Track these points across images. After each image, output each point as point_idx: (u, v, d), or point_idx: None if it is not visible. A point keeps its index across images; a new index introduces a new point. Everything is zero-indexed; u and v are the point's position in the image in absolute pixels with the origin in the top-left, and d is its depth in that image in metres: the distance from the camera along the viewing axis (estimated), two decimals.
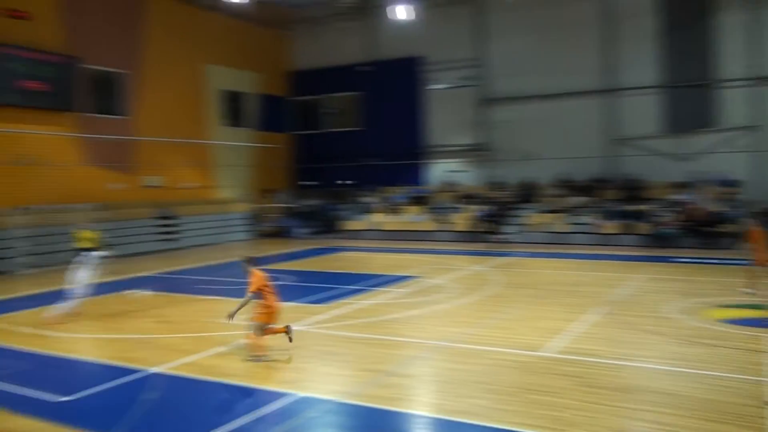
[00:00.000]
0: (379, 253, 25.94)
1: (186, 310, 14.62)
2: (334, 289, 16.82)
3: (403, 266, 21.42)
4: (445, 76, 33.50)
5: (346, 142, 36.99)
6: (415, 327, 12.24)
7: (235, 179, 34.98)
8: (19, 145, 24.71)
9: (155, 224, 28.88)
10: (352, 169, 36.44)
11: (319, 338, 11.55)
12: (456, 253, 24.96)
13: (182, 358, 10.30)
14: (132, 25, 29.65)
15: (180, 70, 31.95)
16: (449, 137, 34.09)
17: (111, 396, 8.76)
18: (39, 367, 10.42)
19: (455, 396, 8.30)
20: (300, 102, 39.37)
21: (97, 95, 28.24)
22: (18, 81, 24.36)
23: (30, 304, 16.42)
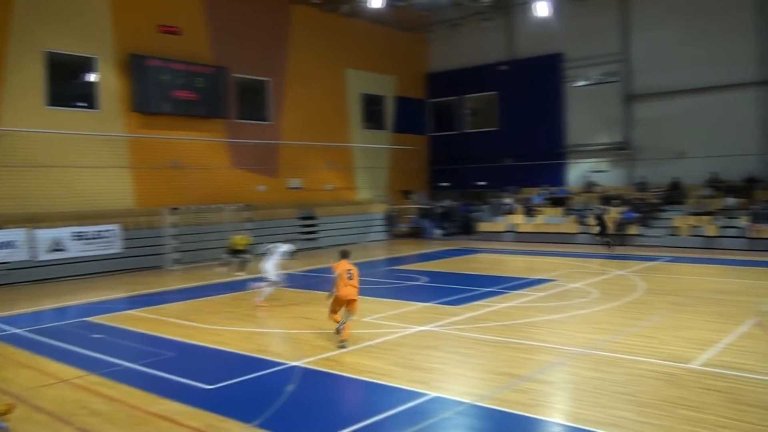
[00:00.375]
0: (515, 256, 25.47)
1: (326, 307, 14.96)
2: (468, 291, 16.67)
3: (540, 269, 20.92)
4: (585, 72, 32.40)
5: (482, 142, 36.66)
6: (553, 332, 11.87)
7: (373, 181, 35.59)
8: (173, 151, 26.50)
9: (297, 224, 29.94)
10: (488, 170, 36.07)
11: (453, 339, 11.46)
12: (596, 256, 24.04)
13: (320, 354, 10.56)
14: (275, 35, 30.94)
15: (321, 76, 32.95)
16: (589, 136, 32.92)
17: (251, 387, 9.13)
18: (185, 356, 11.05)
19: (595, 406, 7.96)
20: (436, 104, 39.48)
21: (243, 102, 29.72)
22: (172, 91, 26.13)
23: (177, 298, 17.52)
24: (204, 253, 25.20)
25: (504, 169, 35.53)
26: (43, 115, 23.06)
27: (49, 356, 11.08)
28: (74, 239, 22.27)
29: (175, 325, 13.56)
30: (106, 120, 24.75)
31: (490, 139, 36.48)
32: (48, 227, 22.11)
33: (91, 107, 24.74)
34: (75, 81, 25.34)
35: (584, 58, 32.52)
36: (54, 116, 23.32)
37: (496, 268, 21.83)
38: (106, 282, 21.10)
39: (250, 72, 29.96)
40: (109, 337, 12.68)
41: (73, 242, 22.23)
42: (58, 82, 23.93)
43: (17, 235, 21.11)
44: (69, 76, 24.92)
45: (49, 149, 22.80)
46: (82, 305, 16.73)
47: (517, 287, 17.04)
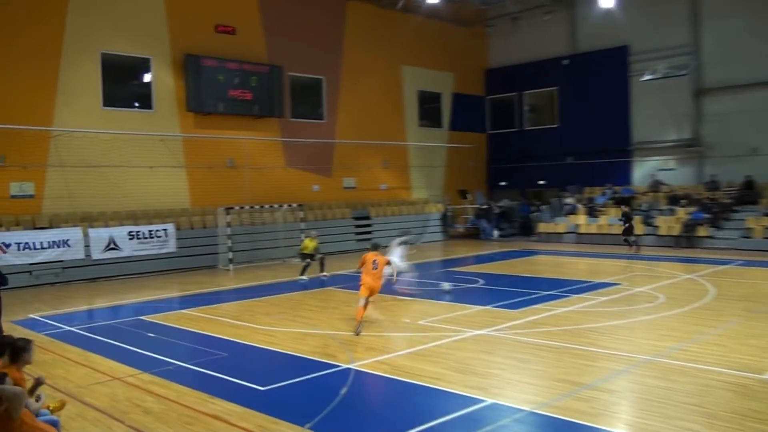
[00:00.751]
0: (576, 258, 25.05)
1: (380, 309, 14.98)
2: (527, 294, 16.44)
3: (603, 272, 20.53)
4: (652, 65, 31.54)
5: (541, 140, 36.21)
6: (617, 338, 11.58)
7: (429, 180, 35.50)
8: (227, 150, 26.94)
9: (351, 224, 30.06)
10: (548, 169, 35.61)
11: (511, 344, 11.29)
12: (663, 259, 23.43)
13: (373, 357, 10.54)
14: (329, 32, 31.14)
15: (376, 73, 33.01)
16: (656, 132, 32.13)
17: (304, 389, 9.15)
18: (237, 356, 11.17)
19: (660, 416, 7.69)
20: (495, 100, 39.17)
21: (297, 101, 30.02)
22: (227, 91, 26.55)
23: (230, 297, 17.79)
24: (258, 253, 25.52)
25: (565, 167, 34.99)
26: (98, 115, 23.73)
27: (102, 354, 11.35)
28: (128, 238, 22.83)
29: (228, 325, 13.74)
30: (161, 120, 25.32)
31: (550, 136, 35.98)
32: (102, 226, 22.73)
33: (146, 107, 25.35)
34: (130, 81, 26.01)
35: (651, 50, 31.72)
36: (109, 116, 23.97)
37: (556, 270, 21.48)
38: (159, 281, 21.56)
39: (305, 70, 30.22)
40: (162, 335, 12.92)
41: (127, 241, 22.79)
42: (114, 82, 24.60)
43: (72, 234, 21.75)
44: (124, 76, 25.61)
45: (105, 149, 23.44)
46: (136, 304, 17.13)
47: (578, 291, 16.73)
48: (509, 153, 37.71)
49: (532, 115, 38.25)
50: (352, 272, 12.55)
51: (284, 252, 26.07)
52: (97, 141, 23.20)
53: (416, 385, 9.09)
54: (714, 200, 28.12)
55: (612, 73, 33.26)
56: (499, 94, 38.84)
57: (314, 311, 15.14)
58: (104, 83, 24.02)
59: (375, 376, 9.60)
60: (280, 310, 15.24)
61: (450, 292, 17.07)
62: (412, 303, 15.76)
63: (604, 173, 33.47)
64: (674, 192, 30.15)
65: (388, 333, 12.44)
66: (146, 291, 19.31)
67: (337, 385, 9.16)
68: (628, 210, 26.59)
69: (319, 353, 10.94)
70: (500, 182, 38.49)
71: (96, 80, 23.81)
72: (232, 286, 20.12)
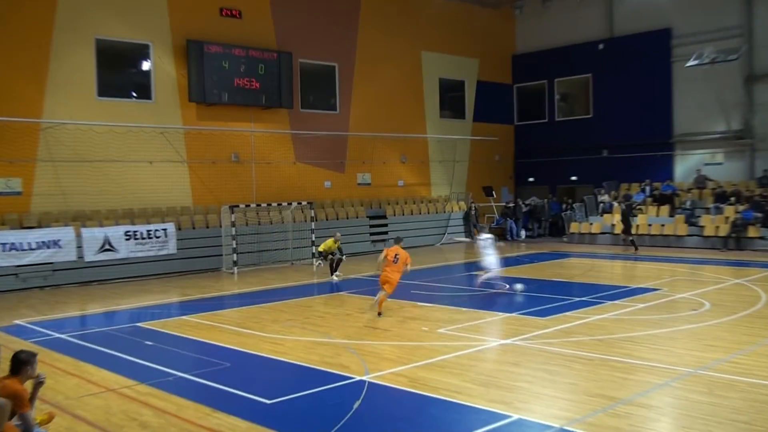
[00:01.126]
0: (612, 261, 24.91)
1: (396, 316, 14.98)
2: (557, 300, 16.38)
3: (641, 276, 20.39)
4: (697, 50, 31.23)
5: (574, 131, 36.07)
6: (656, 349, 11.49)
7: (451, 176, 35.44)
8: (232, 144, 27.05)
9: (366, 224, 30.06)
10: (581, 163, 35.48)
11: (539, 355, 11.24)
12: (708, 262, 23.25)
13: (389, 368, 10.52)
14: (342, 16, 31.17)
15: (394, 60, 33.01)
16: (701, 123, 31.88)
17: (314, 402, 9.14)
18: (242, 366, 11.19)
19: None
20: (523, 89, 39.07)
21: (308, 90, 30.08)
22: (232, 79, 26.62)
23: (235, 303, 17.84)
24: (265, 255, 25.59)
25: (600, 162, 34.81)
26: (93, 106, 23.90)
27: (95, 363, 11.41)
28: (125, 239, 22.96)
29: (232, 332, 13.79)
30: (161, 111, 25.46)
31: (583, 128, 35.81)
32: (97, 226, 22.88)
33: (145, 97, 25.50)
34: (127, 69, 26.17)
35: (697, 33, 31.44)
36: (104, 107, 24.14)
37: (589, 274, 21.38)
38: (158, 285, 21.67)
39: (317, 57, 30.27)
40: (161, 344, 12.98)
41: (123, 242, 22.92)
42: (109, 71, 24.77)
43: (64, 234, 21.89)
44: (121, 64, 25.78)
45: (99, 143, 23.61)
46: (132, 309, 17.22)
47: (614, 297, 16.64)
48: (538, 146, 37.57)
49: (563, 105, 38.07)
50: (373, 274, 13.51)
51: (293, 254, 26.13)
52: (91, 134, 23.36)
53: (436, 399, 9.07)
54: (766, 198, 27.84)
55: (652, 59, 33.02)
56: (528, 81, 38.70)
57: (326, 318, 15.15)
58: (99, 71, 24.17)
59: (391, 389, 9.58)
60: (289, 317, 15.26)
61: (520, 293, 17.44)
62: (432, 310, 15.73)
63: (643, 168, 33.25)
64: (721, 189, 29.87)
65: (405, 342, 12.42)
66: (144, 296, 19.41)
67: (349, 398, 9.15)
68: (626, 208, 26.98)
69: (331, 364, 10.94)
70: (528, 178, 38.36)
71: (90, 68, 23.97)
72: (236, 291, 20.18)
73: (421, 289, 18.77)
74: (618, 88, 34.32)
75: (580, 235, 31.32)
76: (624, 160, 33.93)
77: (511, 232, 33.84)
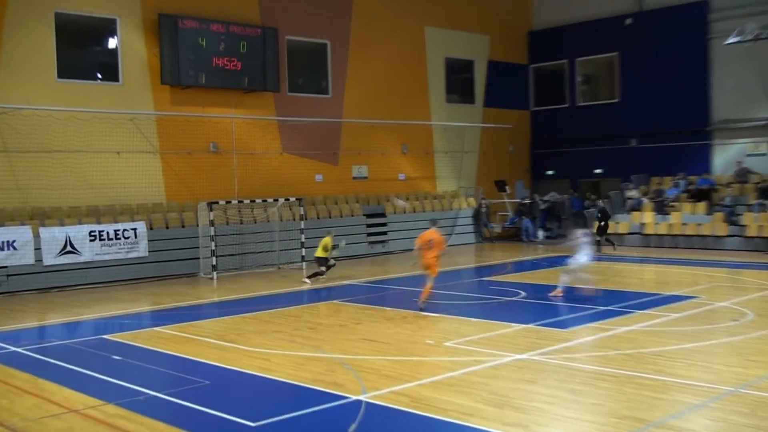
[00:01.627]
0: (642, 265, 24.96)
1: (397, 328, 14.99)
2: (580, 310, 16.41)
3: (675, 282, 20.41)
4: (738, 25, 31.21)
5: (598, 118, 36.06)
6: (692, 365, 11.51)
7: (459, 169, 35.45)
8: (211, 132, 27.01)
9: (362, 223, 30.06)
10: (606, 154, 35.47)
11: (560, 372, 11.26)
12: (751, 266, 23.25)
13: (389, 386, 10.53)
14: None
15: (393, 36, 33.00)
16: (743, 109, 31.91)
17: (304, 425, 9.14)
18: (223, 384, 11.19)
19: None
20: (540, 70, 39.08)
21: (297, 71, 30.06)
22: (211, 59, 26.56)
23: (214, 312, 17.88)
24: (248, 258, 25.59)
25: (627, 152, 34.80)
26: (52, 89, 23.86)
27: (57, 381, 11.40)
28: (89, 240, 22.94)
29: (212, 346, 13.79)
30: (129, 95, 25.44)
31: (608, 114, 35.79)
32: (57, 225, 22.86)
33: (111, 79, 25.48)
34: (91, 48, 26.14)
35: (737, 6, 31.47)
36: (65, 91, 24.11)
37: (616, 280, 21.38)
38: (127, 292, 21.66)
39: (306, 33, 30.26)
40: (130, 359, 12.98)
41: (87, 243, 22.90)
42: (71, 49, 24.75)
43: (19, 234, 21.85)
44: (84, 41, 25.76)
45: (60, 130, 23.57)
46: (98, 320, 17.21)
47: (644, 306, 16.67)
48: (558, 135, 37.57)
49: (586, 88, 38.06)
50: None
51: (280, 257, 26.14)
52: (50, 120, 23.34)
53: (442, 422, 9.08)
54: None
55: (687, 36, 33.04)
56: (546, 61, 38.70)
57: (317, 330, 15.15)
58: (59, 50, 24.13)
59: (391, 410, 9.58)
60: (276, 329, 15.26)
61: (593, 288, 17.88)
62: (437, 320, 15.74)
63: (677, 160, 33.26)
64: (766, 183, 29.90)
65: (407, 357, 12.43)
66: (111, 304, 19.38)
67: (344, 420, 9.16)
68: (604, 205, 27.73)
69: (324, 381, 10.95)
70: (546, 171, 38.33)
71: (49, 46, 23.93)
72: (216, 299, 20.18)
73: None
74: (648, 69, 34.32)
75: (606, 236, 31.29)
76: (655, 151, 33.92)
77: (526, 232, 33.85)
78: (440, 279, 18.81)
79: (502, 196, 35.63)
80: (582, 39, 36.78)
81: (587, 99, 37.70)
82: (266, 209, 26.88)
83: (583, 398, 9.92)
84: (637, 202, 32.07)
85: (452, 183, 35.41)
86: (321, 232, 23.96)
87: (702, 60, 32.81)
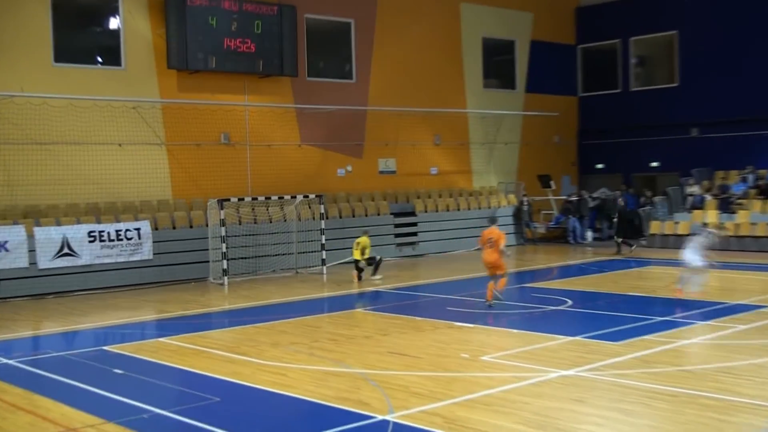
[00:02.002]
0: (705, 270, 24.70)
1: (428, 340, 14.97)
2: (634, 320, 16.29)
3: (742, 290, 20.26)
4: None
5: (655, 105, 35.84)
6: (763, 383, 11.40)
7: (498, 162, 35.35)
8: (222, 122, 27.08)
9: (389, 223, 30.03)
10: (663, 145, 35.22)
11: (611, 389, 11.19)
12: None
13: (420, 406, 10.51)
14: None
15: (425, 14, 32.98)
16: None
17: None
18: (235, 402, 11.20)
19: None
20: (590, 50, 38.88)
21: (317, 54, 30.08)
22: (222, 40, 26.58)
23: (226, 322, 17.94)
24: (262, 261, 25.66)
25: (688, 143, 34.54)
26: (48, 74, 24.08)
27: (53, 396, 11.46)
28: (88, 241, 23.10)
29: (223, 359, 13.83)
30: (133, 81, 25.61)
31: (667, 100, 35.52)
32: (53, 224, 23.03)
33: (113, 64, 25.67)
34: (91, 29, 26.30)
35: None
36: (63, 76, 24.31)
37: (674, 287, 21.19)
38: (130, 299, 21.79)
39: (327, 11, 30.33)
40: (133, 372, 13.04)
41: (86, 245, 23.06)
42: (69, 31, 24.92)
43: (12, 235, 22.04)
44: (83, 22, 25.93)
45: (57, 120, 23.77)
46: (98, 329, 17.33)
47: (707, 316, 16.54)
48: (609, 124, 37.34)
49: (641, 71, 37.81)
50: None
51: (298, 260, 26.19)
52: (45, 109, 23.52)
53: None
54: None
55: (758, 11, 32.73)
56: (596, 41, 38.50)
57: (339, 342, 15.16)
58: (56, 31, 24.32)
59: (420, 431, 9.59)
60: (293, 340, 15.29)
61: None
62: (473, 332, 15.70)
63: (744, 151, 33.00)
64: None
65: (439, 372, 12.40)
66: (112, 312, 19.52)
67: None
68: (623, 202, 28.02)
69: (347, 399, 10.95)
70: (596, 164, 38.12)
71: (45, 28, 24.11)
72: (227, 307, 20.26)
73: (460, 305, 18.75)
74: (712, 49, 34.05)
75: (663, 237, 31.11)
76: (719, 141, 33.65)
77: (573, 233, 33.69)
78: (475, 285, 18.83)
79: (547, 193, 35.49)
80: (637, 15, 36.56)
81: (642, 83, 37.42)
82: (283, 207, 26.95)
83: (638, 420, 9.85)
84: (698, 200, 31.81)
85: (490, 178, 35.31)
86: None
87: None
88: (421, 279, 24.65)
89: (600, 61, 38.68)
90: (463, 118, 34.25)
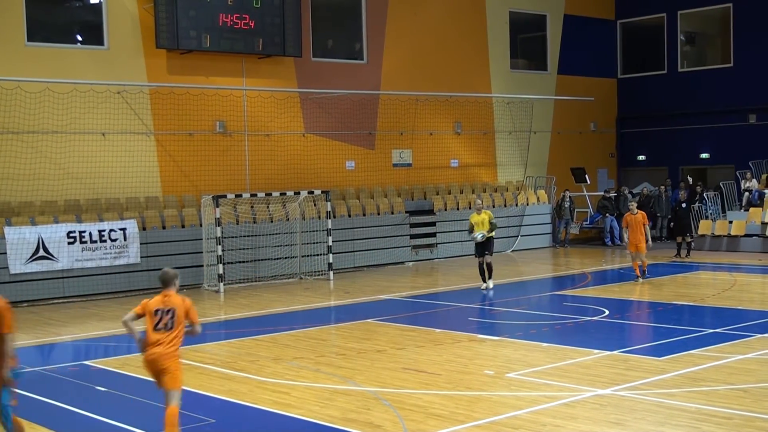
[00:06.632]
0: (761, 276, 24.69)
1: (448, 354, 15.01)
2: (679, 333, 16.30)
3: None
4: None
5: (706, 88, 35.76)
6: None
7: (527, 154, 35.30)
8: (217, 108, 27.11)
9: (405, 222, 30.02)
10: (715, 135, 35.13)
11: (654, 411, 11.21)
12: None
13: (438, 428, 10.57)
14: None
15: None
16: None
17: None
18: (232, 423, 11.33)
19: None
20: (631, 26, 38.81)
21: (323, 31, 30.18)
22: (217, 16, 26.52)
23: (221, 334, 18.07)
24: (262, 265, 25.72)
25: (744, 131, 34.44)
26: (21, 55, 24.13)
27: (28, 417, 11.54)
28: (68, 242, 23.16)
29: (218, 375, 13.93)
30: (117, 62, 25.68)
31: (720, 82, 35.43)
32: (27, 224, 23.10)
33: (95, 43, 25.73)
34: (69, 3, 26.36)
35: None
36: (37, 57, 24.38)
37: (728, 296, 21.19)
38: (114, 307, 21.78)
39: None
40: (118, 390, 13.15)
41: (65, 247, 23.12)
42: (44, 6, 24.97)
43: None
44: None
45: (31, 106, 23.81)
46: (78, 341, 17.47)
47: (765, 328, 16.49)
48: (652, 110, 37.28)
49: (690, 49, 37.71)
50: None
51: (302, 264, 26.26)
52: (18, 93, 23.58)
53: None
54: None
55: None
56: (638, 16, 38.39)
57: (348, 357, 15.22)
58: (29, 7, 24.36)
59: None
60: (297, 354, 15.37)
61: None
62: (499, 345, 15.72)
63: None
64: None
65: (460, 392, 12.45)
66: (94, 322, 19.62)
67: None
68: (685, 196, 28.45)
69: (356, 421, 11.02)
70: (638, 156, 38.04)
71: (16, 2, 24.15)
72: (223, 317, 20.34)
73: (483, 315, 18.76)
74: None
75: (714, 239, 31.05)
76: None
77: (611, 233, 33.63)
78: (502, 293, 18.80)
79: (581, 189, 35.44)
80: None
81: (693, 64, 37.32)
82: (285, 205, 26.96)
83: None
84: (756, 196, 31.73)
85: (517, 171, 35.25)
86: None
87: None
88: (439, 286, 24.67)
89: (643, 38, 38.61)
90: (487, 104, 34.22)
